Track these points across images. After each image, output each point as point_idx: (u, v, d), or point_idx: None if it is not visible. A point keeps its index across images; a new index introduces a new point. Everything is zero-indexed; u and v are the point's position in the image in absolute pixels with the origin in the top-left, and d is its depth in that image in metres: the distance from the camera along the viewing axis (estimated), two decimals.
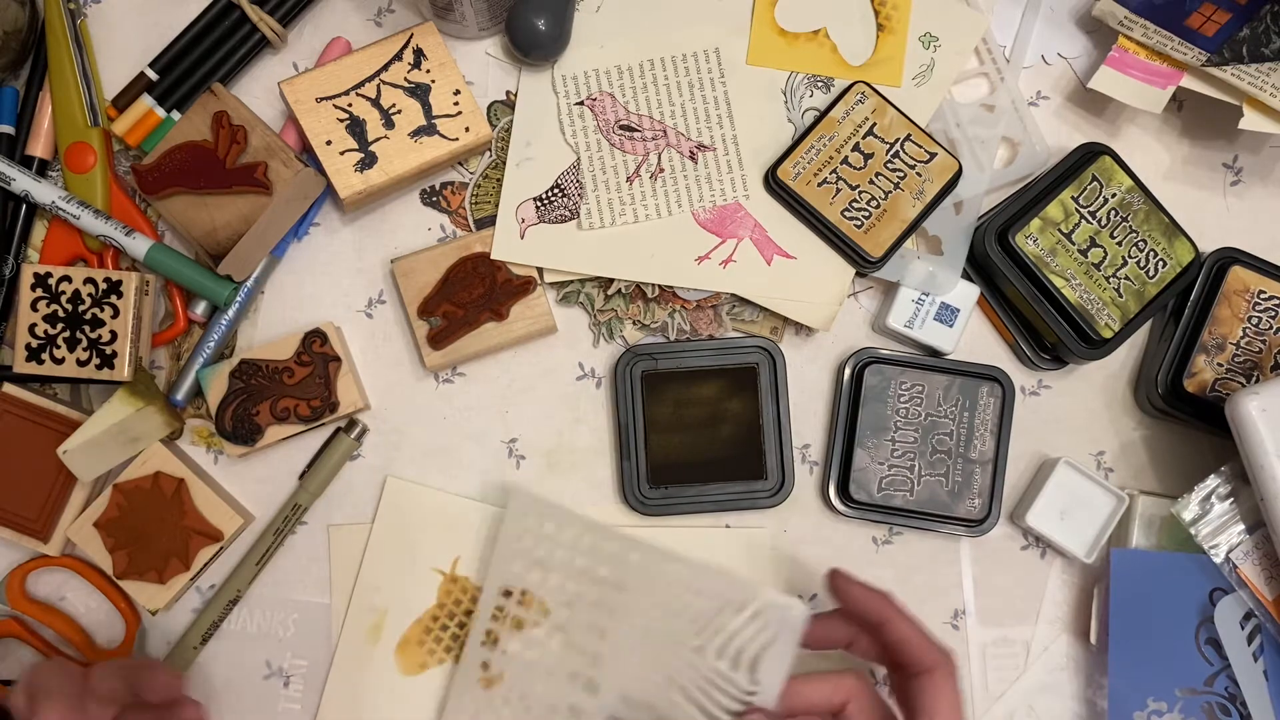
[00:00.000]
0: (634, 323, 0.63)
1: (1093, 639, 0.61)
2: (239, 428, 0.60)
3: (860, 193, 0.60)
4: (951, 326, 0.61)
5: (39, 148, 0.62)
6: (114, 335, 0.58)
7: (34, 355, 0.59)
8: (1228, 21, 0.57)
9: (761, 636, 0.51)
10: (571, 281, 0.63)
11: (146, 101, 0.61)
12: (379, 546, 0.62)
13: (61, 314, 0.59)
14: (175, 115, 0.62)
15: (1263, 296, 0.61)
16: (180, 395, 0.61)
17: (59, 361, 0.59)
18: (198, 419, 0.63)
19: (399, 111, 0.60)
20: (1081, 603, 0.63)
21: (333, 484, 0.63)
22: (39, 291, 0.59)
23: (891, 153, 0.60)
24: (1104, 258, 0.60)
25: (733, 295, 0.62)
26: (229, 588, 0.62)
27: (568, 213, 0.62)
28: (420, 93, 0.61)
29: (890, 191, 0.60)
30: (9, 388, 0.61)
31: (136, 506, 0.60)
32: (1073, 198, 0.60)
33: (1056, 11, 0.65)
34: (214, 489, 0.61)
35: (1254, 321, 0.61)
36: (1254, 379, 0.61)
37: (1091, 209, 0.60)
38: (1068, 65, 0.65)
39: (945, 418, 0.62)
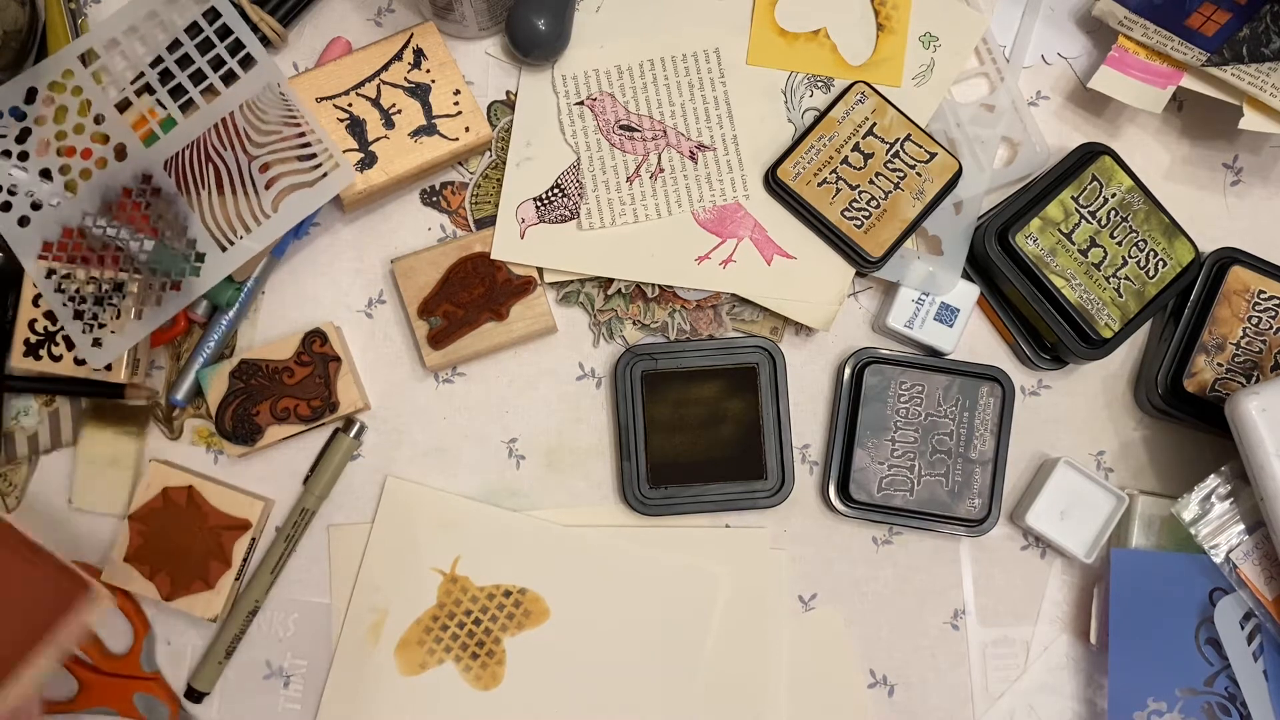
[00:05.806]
0: (634, 323, 0.63)
1: (1093, 639, 0.61)
2: (239, 428, 0.60)
3: (860, 193, 0.60)
4: (951, 326, 0.61)
5: None
6: (115, 335, 0.58)
7: (32, 351, 0.59)
8: (1228, 21, 0.57)
9: None
10: (571, 281, 0.63)
11: (147, 100, 0.61)
12: (379, 546, 0.62)
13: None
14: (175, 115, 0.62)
15: (1263, 296, 0.61)
16: (180, 395, 0.61)
17: (56, 359, 0.59)
18: (198, 419, 0.63)
19: (399, 111, 0.61)
20: (1081, 603, 0.63)
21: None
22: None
23: (891, 153, 0.60)
24: (1104, 258, 0.60)
25: (733, 295, 0.62)
26: (247, 599, 0.61)
27: (568, 213, 0.62)
28: (420, 93, 0.61)
29: (890, 191, 0.60)
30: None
31: (158, 528, 0.60)
32: (1073, 198, 0.60)
33: (1056, 11, 0.65)
34: (222, 484, 0.61)
35: (1254, 321, 0.61)
36: (1254, 379, 0.61)
37: (1091, 209, 0.60)
38: (1068, 65, 0.65)
39: (945, 418, 0.62)
